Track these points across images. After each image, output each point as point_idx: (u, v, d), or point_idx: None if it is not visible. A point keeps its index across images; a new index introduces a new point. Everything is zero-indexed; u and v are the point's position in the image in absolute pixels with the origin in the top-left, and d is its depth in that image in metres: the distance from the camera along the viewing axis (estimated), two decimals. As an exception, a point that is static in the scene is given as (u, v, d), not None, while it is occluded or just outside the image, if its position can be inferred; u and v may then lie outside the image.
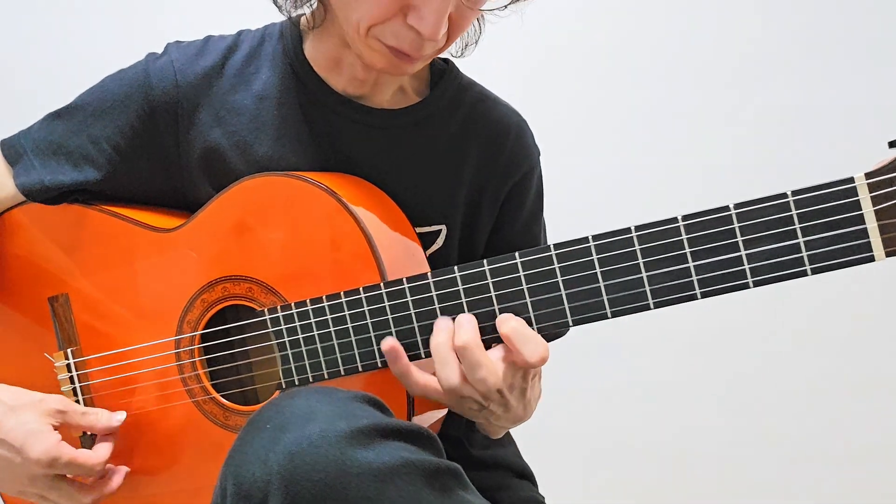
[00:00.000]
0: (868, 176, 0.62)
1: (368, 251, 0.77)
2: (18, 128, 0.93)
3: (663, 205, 1.53)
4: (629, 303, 0.69)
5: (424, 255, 0.87)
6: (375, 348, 0.76)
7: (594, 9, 1.59)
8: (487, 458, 0.98)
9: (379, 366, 0.76)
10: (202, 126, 0.87)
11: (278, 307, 0.79)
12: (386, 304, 0.75)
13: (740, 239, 0.65)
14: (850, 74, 1.56)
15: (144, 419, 0.87)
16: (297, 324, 0.78)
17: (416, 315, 0.74)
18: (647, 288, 0.68)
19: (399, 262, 0.79)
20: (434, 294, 0.74)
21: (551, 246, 0.70)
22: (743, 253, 0.66)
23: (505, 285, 0.72)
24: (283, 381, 0.80)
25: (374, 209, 0.82)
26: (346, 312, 0.76)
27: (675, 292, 0.68)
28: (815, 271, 0.64)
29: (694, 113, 1.59)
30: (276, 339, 0.79)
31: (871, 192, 0.62)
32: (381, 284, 0.75)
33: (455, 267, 0.73)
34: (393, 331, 0.75)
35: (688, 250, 0.67)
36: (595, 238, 0.69)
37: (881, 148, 0.62)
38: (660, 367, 1.65)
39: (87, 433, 0.86)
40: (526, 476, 1.02)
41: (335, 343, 0.77)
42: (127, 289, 0.88)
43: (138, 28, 1.55)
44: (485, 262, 0.72)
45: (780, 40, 1.58)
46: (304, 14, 0.90)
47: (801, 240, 0.64)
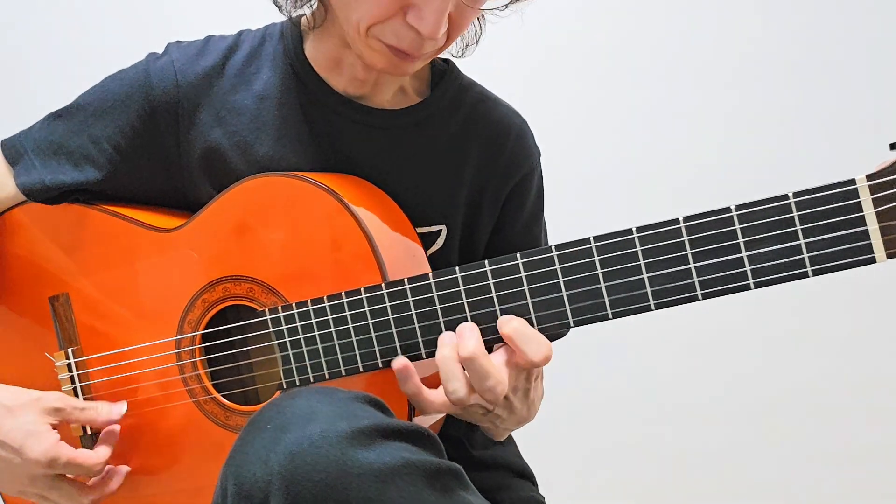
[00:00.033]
0: (869, 178, 0.62)
1: (369, 251, 0.77)
2: (19, 128, 0.93)
3: (663, 205, 1.53)
4: (631, 304, 0.69)
5: (425, 255, 0.87)
6: (377, 349, 0.76)
7: (594, 9, 1.59)
8: (488, 459, 0.98)
9: (380, 366, 0.76)
10: (203, 126, 0.87)
11: (279, 307, 0.79)
12: (387, 305, 0.75)
13: (741, 240, 0.65)
14: (850, 75, 1.56)
15: (145, 419, 0.87)
16: (298, 324, 0.78)
17: (417, 315, 0.74)
18: (649, 289, 0.68)
19: (400, 262, 0.79)
20: (435, 294, 0.74)
21: (553, 247, 0.70)
22: (744, 254, 0.66)
23: (506, 286, 0.72)
24: (284, 381, 0.80)
25: (375, 209, 0.82)
26: (348, 313, 0.76)
27: (676, 293, 0.68)
28: (816, 273, 0.64)
29: (694, 113, 1.59)
30: (277, 340, 0.79)
31: (872, 193, 0.62)
32: (383, 285, 0.75)
33: (457, 267, 0.73)
34: (394, 331, 0.75)
35: (689, 251, 0.67)
36: (597, 239, 0.69)
37: (882, 149, 0.62)
38: (660, 367, 1.65)
39: (88, 433, 0.86)
40: (526, 476, 1.02)
41: (336, 343, 0.77)
42: (128, 289, 0.88)
43: (138, 28, 1.55)
44: (486, 262, 0.72)
45: (780, 40, 1.58)
46: (305, 14, 0.90)
47: (803, 241, 0.64)
